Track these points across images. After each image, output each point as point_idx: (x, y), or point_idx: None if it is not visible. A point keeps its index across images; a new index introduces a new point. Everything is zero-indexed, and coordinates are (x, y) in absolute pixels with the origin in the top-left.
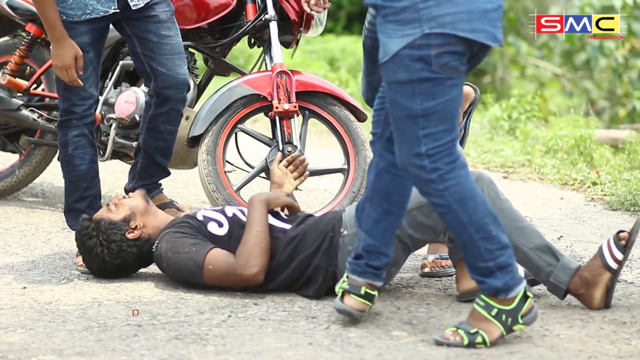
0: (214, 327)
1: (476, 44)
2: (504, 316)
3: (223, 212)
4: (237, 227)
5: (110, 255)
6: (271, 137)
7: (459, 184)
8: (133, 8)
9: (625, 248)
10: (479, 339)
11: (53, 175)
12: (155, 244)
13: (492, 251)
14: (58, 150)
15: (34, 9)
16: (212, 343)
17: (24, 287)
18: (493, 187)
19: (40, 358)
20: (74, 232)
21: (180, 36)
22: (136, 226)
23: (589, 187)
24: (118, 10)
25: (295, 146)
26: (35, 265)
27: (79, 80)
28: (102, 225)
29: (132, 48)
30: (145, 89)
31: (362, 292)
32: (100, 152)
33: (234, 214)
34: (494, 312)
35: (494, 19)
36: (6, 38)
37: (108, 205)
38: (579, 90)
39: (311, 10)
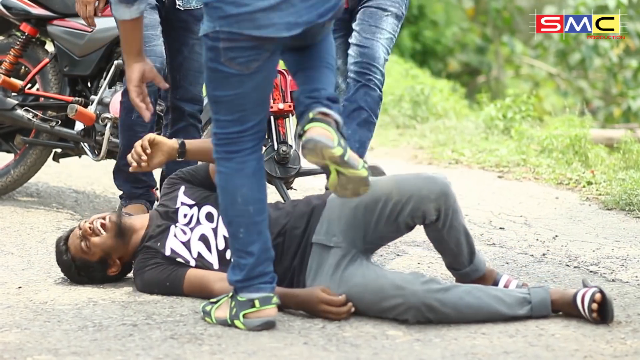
0: (209, 326)
1: (268, 38)
2: (233, 303)
3: (189, 248)
4: (203, 267)
5: (94, 282)
6: (266, 136)
7: (227, 174)
8: (177, 7)
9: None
10: (207, 308)
11: (48, 175)
12: (133, 277)
13: (236, 249)
14: (53, 151)
15: (28, 8)
16: (207, 342)
17: (19, 287)
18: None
19: (35, 358)
20: (55, 255)
21: None
22: (114, 262)
23: (584, 186)
24: (165, 2)
25: (290, 145)
26: (30, 264)
27: (94, 20)
28: (80, 266)
29: None
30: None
31: (310, 116)
32: (95, 151)
33: (199, 254)
34: (230, 295)
35: (283, 10)
36: (1, 38)
37: (80, 235)
38: (573, 89)
39: None
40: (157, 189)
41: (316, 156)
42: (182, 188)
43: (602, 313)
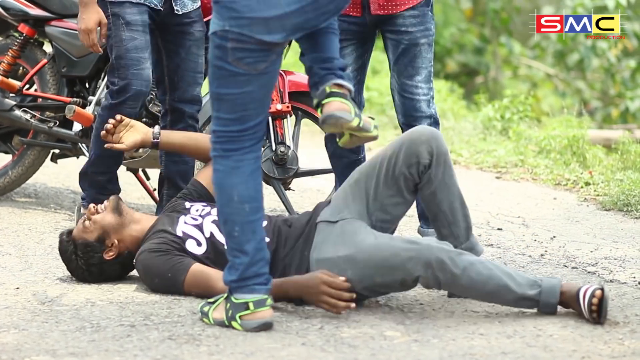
0: (207, 327)
1: (278, 44)
2: (228, 305)
3: (201, 229)
4: (214, 248)
5: (93, 275)
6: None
7: (224, 172)
8: (176, 12)
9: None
10: (205, 308)
11: (46, 176)
12: (135, 258)
13: (231, 248)
14: (51, 151)
15: (26, 9)
16: (205, 343)
17: (17, 288)
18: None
19: (33, 358)
20: (58, 245)
21: (204, 57)
22: (112, 244)
23: (582, 187)
24: (161, 10)
25: (288, 146)
26: (28, 265)
27: (99, 47)
28: (79, 248)
29: (158, 58)
30: None
31: (328, 91)
32: None
33: (212, 234)
34: (225, 296)
35: (294, 18)
36: None
37: (85, 218)
38: (571, 90)
39: None
40: (155, 189)
41: (336, 129)
42: (188, 201)
43: (600, 310)
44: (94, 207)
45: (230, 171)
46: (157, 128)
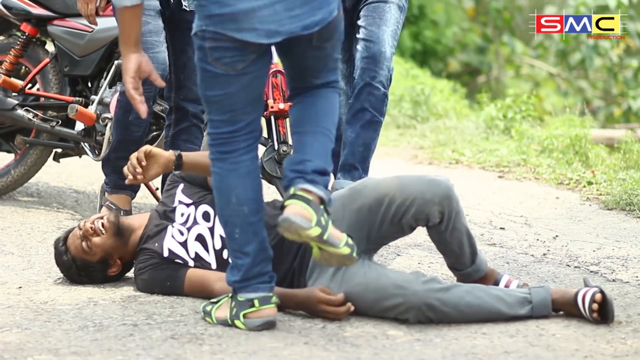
0: (209, 326)
1: (249, 43)
2: (233, 303)
3: (186, 249)
4: (202, 265)
5: (94, 282)
6: (266, 136)
7: (222, 175)
8: (183, 8)
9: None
10: (208, 308)
11: (48, 175)
12: (134, 277)
13: (233, 249)
14: (53, 151)
15: (28, 8)
16: (207, 342)
17: (20, 287)
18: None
19: (36, 358)
20: (54, 256)
21: None
22: (115, 262)
23: (584, 186)
24: (171, 2)
25: (290, 145)
26: (30, 264)
27: (95, 19)
28: (80, 267)
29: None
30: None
31: (292, 192)
32: (96, 151)
33: (197, 254)
34: (230, 295)
35: (264, 15)
36: (1, 38)
37: (81, 235)
38: (574, 89)
39: None
40: (157, 189)
41: (292, 235)
42: (181, 186)
43: (603, 313)
44: (91, 228)
45: (228, 174)
46: (176, 153)
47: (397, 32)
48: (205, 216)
